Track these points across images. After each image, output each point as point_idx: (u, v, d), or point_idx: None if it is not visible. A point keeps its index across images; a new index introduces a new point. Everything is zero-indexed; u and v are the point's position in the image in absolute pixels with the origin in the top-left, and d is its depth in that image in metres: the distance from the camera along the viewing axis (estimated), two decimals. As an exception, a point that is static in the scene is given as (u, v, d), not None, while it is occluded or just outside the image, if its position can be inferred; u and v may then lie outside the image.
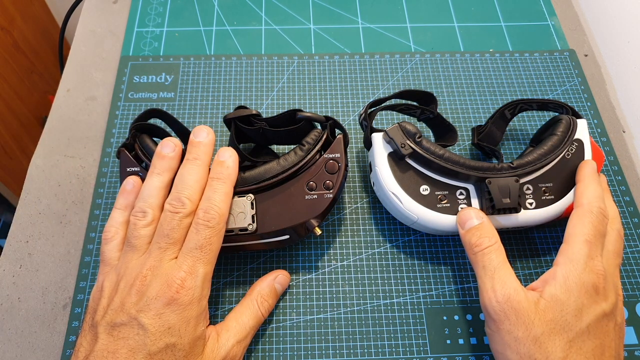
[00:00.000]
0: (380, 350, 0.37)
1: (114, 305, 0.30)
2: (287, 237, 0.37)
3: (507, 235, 0.42)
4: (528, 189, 0.38)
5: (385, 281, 0.40)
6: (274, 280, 0.38)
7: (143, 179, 0.37)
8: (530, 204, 0.38)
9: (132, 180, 0.36)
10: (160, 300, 0.29)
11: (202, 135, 0.35)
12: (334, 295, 0.39)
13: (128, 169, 0.37)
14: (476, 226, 0.35)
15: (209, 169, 0.35)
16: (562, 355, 0.29)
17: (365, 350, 0.37)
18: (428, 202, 0.38)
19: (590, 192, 0.35)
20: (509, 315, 0.30)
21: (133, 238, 0.32)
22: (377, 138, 0.40)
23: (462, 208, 0.37)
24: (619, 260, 0.34)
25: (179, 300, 0.29)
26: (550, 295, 0.31)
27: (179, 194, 0.32)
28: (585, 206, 0.34)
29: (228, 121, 0.42)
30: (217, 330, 0.33)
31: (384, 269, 0.41)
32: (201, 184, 0.34)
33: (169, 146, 0.35)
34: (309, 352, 0.37)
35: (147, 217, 0.33)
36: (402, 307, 0.39)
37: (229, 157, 0.35)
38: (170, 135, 0.39)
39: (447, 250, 0.41)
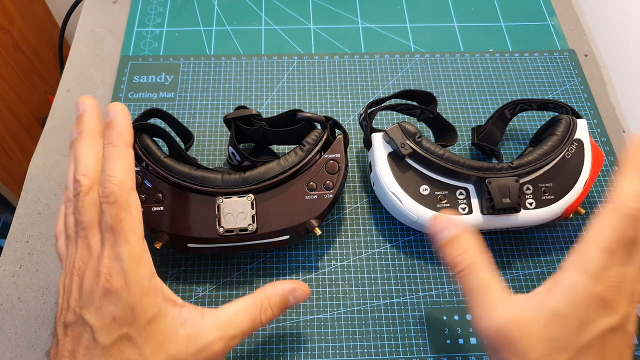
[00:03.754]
0: (380, 350, 0.37)
1: (65, 305, 0.29)
2: (287, 237, 0.37)
3: (507, 235, 0.42)
4: (528, 189, 0.38)
5: (385, 281, 0.40)
6: (290, 292, 0.33)
7: (142, 179, 0.37)
8: (530, 204, 0.38)
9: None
10: (95, 293, 0.27)
11: (82, 107, 0.31)
12: (334, 295, 0.39)
13: (128, 169, 0.37)
14: (448, 240, 0.31)
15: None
16: None
17: (365, 350, 0.37)
18: (428, 202, 0.38)
19: (627, 187, 0.28)
20: (504, 345, 0.28)
21: (67, 228, 0.30)
22: (377, 138, 0.40)
23: (438, 213, 0.36)
24: None
25: (111, 289, 0.27)
26: (551, 309, 0.27)
27: (75, 175, 0.29)
28: (614, 204, 0.28)
29: (228, 121, 0.42)
30: (201, 314, 0.30)
31: (384, 269, 0.41)
32: (98, 155, 0.30)
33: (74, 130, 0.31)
34: (309, 352, 0.37)
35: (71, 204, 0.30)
36: (402, 307, 0.39)
37: (116, 112, 0.30)
38: (170, 136, 0.39)
39: (447, 250, 0.41)
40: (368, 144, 0.41)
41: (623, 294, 0.27)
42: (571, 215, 0.40)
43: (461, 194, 0.38)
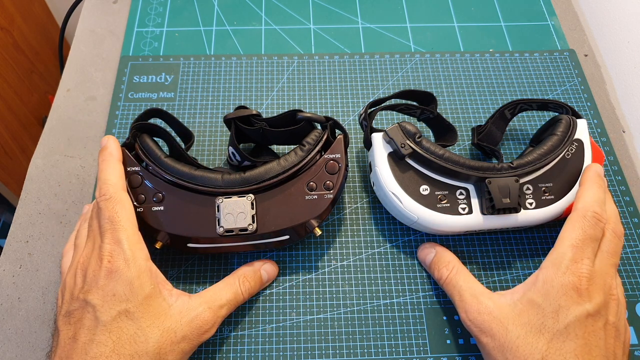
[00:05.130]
0: (380, 350, 0.37)
1: (66, 299, 0.32)
2: (287, 237, 0.37)
3: (507, 235, 0.42)
4: (528, 189, 0.38)
5: (385, 281, 0.40)
6: (260, 266, 0.38)
7: (143, 179, 0.37)
8: (530, 204, 0.38)
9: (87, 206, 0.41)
10: (98, 276, 0.31)
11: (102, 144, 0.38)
12: (334, 295, 0.39)
13: (128, 169, 0.37)
14: (432, 260, 0.39)
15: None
16: (540, 356, 0.29)
17: (365, 350, 0.37)
18: (428, 202, 0.38)
19: (588, 197, 0.35)
20: (483, 330, 0.32)
21: (76, 239, 0.36)
22: (377, 138, 0.40)
23: (421, 245, 0.41)
24: (615, 259, 0.33)
25: (112, 268, 0.31)
26: (527, 299, 0.32)
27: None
28: (579, 210, 0.34)
29: (228, 121, 0.42)
30: (189, 296, 0.34)
31: (384, 269, 0.41)
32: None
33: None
34: (309, 352, 0.37)
35: (87, 219, 0.36)
36: (402, 307, 0.39)
37: (106, 141, 0.37)
38: (171, 135, 0.39)
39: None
40: (368, 144, 0.41)
41: (597, 284, 0.31)
42: (571, 215, 0.40)
43: (461, 194, 0.38)
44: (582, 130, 0.40)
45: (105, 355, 0.29)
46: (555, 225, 0.43)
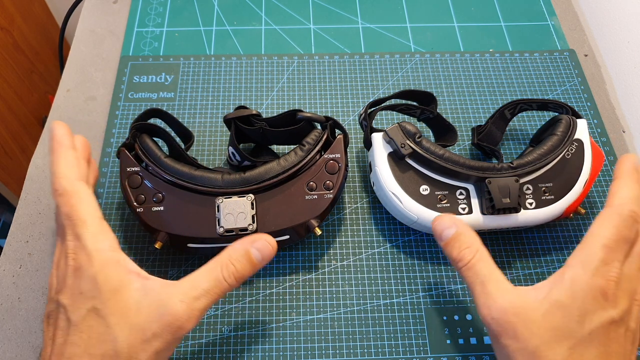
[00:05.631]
0: (380, 350, 0.37)
1: (48, 301, 0.31)
2: (287, 237, 0.37)
3: (507, 235, 0.42)
4: (528, 189, 0.38)
5: (385, 281, 0.40)
6: (251, 244, 0.32)
7: (143, 179, 0.37)
8: (530, 204, 0.38)
9: None
10: (66, 275, 0.30)
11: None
12: (334, 295, 0.39)
13: (128, 169, 0.37)
14: (453, 237, 0.33)
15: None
16: None
17: (365, 350, 0.37)
18: (428, 202, 0.38)
19: (625, 192, 0.31)
20: (506, 330, 0.29)
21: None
22: (377, 138, 0.40)
23: (438, 214, 0.36)
24: None
25: (76, 265, 0.30)
26: (554, 300, 0.29)
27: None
28: (615, 208, 0.31)
29: (228, 121, 0.42)
30: (165, 284, 0.30)
31: (384, 269, 0.41)
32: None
33: None
34: (309, 352, 0.37)
35: None
36: (402, 307, 0.39)
37: (53, 129, 0.35)
38: (170, 135, 0.39)
39: (447, 250, 0.41)
40: (368, 144, 0.41)
41: (623, 289, 0.29)
42: (571, 215, 0.40)
43: (461, 194, 0.38)
44: (582, 130, 0.40)
45: (77, 356, 0.28)
46: (555, 225, 0.43)
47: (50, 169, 0.33)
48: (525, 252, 0.42)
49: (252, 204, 0.36)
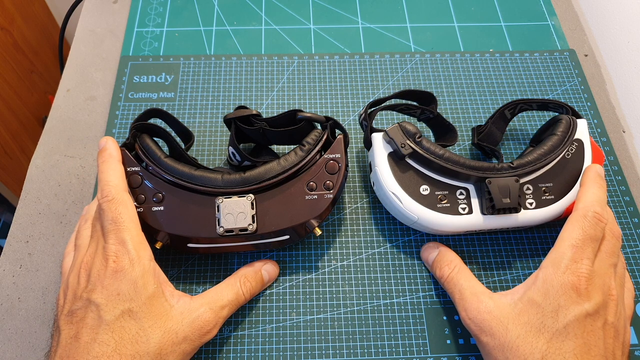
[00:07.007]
0: (380, 350, 0.37)
1: (69, 298, 0.32)
2: (287, 237, 0.37)
3: (507, 235, 0.42)
4: (528, 189, 0.38)
5: (385, 281, 0.40)
6: (261, 266, 0.38)
7: (143, 179, 0.37)
8: (530, 204, 0.38)
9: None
10: (103, 275, 0.31)
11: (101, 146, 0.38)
12: (334, 295, 0.39)
13: (128, 169, 0.37)
14: (437, 258, 0.39)
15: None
16: (540, 356, 0.29)
17: (365, 350, 0.37)
18: (428, 202, 0.38)
19: (589, 197, 0.35)
20: (483, 329, 0.32)
21: (77, 239, 0.36)
22: (377, 138, 0.40)
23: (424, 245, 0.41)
24: (613, 259, 0.33)
25: (117, 267, 0.31)
26: (527, 298, 0.32)
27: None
28: (579, 210, 0.34)
29: (228, 121, 0.42)
30: (191, 297, 0.34)
31: (384, 269, 0.41)
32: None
33: None
34: (309, 352, 0.37)
35: (88, 220, 0.36)
36: (402, 307, 0.39)
37: (105, 142, 0.37)
38: (170, 135, 0.39)
39: (447, 250, 0.41)
40: (368, 144, 0.41)
41: (596, 285, 0.31)
42: (571, 215, 0.40)
43: (461, 194, 0.38)
44: (582, 130, 0.40)
45: (107, 355, 0.29)
46: (555, 225, 0.43)
47: (99, 176, 0.35)
48: (525, 252, 0.42)
49: (252, 204, 0.36)
